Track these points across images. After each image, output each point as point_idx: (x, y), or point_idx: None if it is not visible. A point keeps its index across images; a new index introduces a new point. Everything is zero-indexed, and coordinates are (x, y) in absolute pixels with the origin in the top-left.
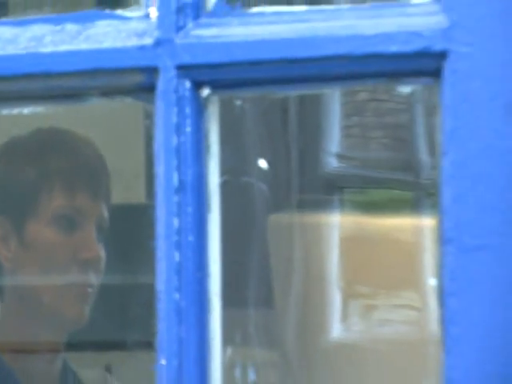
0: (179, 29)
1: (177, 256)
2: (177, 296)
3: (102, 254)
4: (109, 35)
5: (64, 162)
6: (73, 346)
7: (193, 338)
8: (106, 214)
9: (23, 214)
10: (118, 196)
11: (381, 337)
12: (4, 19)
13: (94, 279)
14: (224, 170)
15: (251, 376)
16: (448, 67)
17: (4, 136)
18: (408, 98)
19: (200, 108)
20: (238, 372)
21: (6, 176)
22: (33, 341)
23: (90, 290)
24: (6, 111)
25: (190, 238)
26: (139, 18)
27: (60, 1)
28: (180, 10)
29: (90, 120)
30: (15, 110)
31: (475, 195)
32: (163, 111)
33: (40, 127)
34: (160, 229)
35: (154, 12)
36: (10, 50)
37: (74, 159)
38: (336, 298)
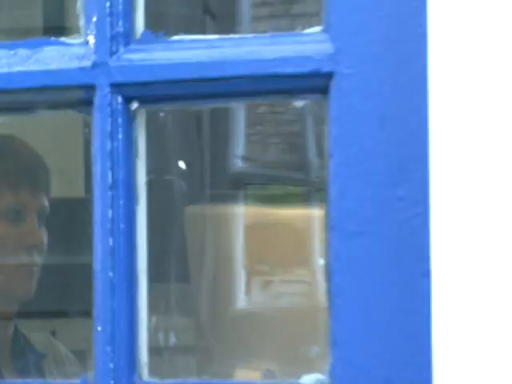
0: (112, 53)
1: (110, 241)
2: (110, 274)
3: (44, 238)
4: (54, 58)
5: (9, 165)
6: (24, 314)
7: (123, 308)
8: (46, 203)
9: None
10: (62, 191)
11: (278, 306)
12: None
13: (38, 259)
14: (150, 170)
15: (172, 339)
16: (334, 86)
17: None
18: (301, 111)
19: (130, 119)
20: (161, 336)
21: None
22: None
23: (35, 268)
24: None
25: (122, 226)
26: (79, 45)
27: (14, 30)
28: (113, 38)
29: (39, 128)
30: None
31: (355, 190)
32: (99, 121)
33: None
34: (97, 218)
35: (91, 39)
36: None
37: (16, 162)
38: (241, 274)
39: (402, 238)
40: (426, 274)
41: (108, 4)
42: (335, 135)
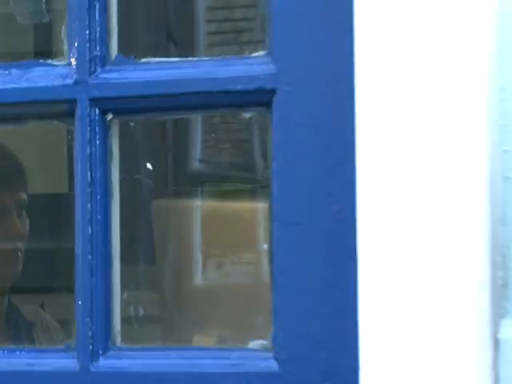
0: (91, 73)
1: (89, 229)
2: (89, 257)
3: (25, 227)
4: (42, 77)
5: None
6: (16, 289)
7: (100, 286)
8: (24, 197)
9: None
10: (49, 188)
11: (229, 284)
12: None
13: (21, 246)
14: (122, 170)
15: (140, 311)
16: (276, 100)
17: None
18: (249, 121)
19: (105, 128)
20: (131, 308)
21: None
22: None
23: (19, 253)
24: None
25: (99, 217)
26: (63, 66)
27: (8, 54)
28: (91, 60)
29: (30, 135)
30: None
31: (293, 187)
32: (80, 130)
33: None
34: (78, 211)
35: (73, 61)
36: None
37: None
38: (199, 257)
39: (332, 227)
40: (352, 257)
41: (87, 32)
42: (277, 141)
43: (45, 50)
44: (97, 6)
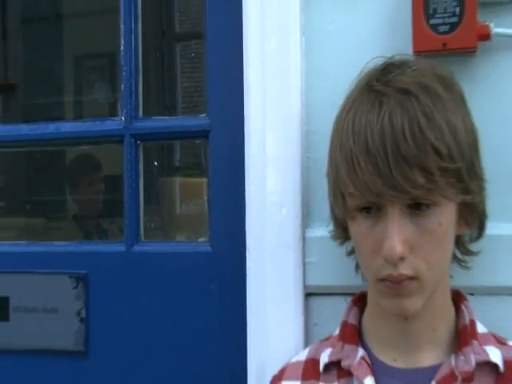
0: (130, 123)
1: (130, 191)
2: (129, 201)
3: (102, 187)
4: (110, 125)
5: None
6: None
7: (134, 204)
8: (101, 175)
9: None
10: (111, 172)
11: (191, 213)
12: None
13: (100, 195)
14: (144, 167)
15: (151, 223)
16: (211, 135)
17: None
18: (199, 144)
19: (136, 147)
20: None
21: None
22: None
23: (101, 196)
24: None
25: (133, 186)
26: (119, 120)
27: (99, 114)
28: (131, 117)
29: (105, 151)
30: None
31: (220, 175)
32: (126, 148)
33: None
34: (125, 183)
35: (123, 118)
36: (52, 128)
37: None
38: (178, 201)
39: None
40: None
41: (128, 106)
42: (211, 153)
43: (112, 112)
44: (133, 97)
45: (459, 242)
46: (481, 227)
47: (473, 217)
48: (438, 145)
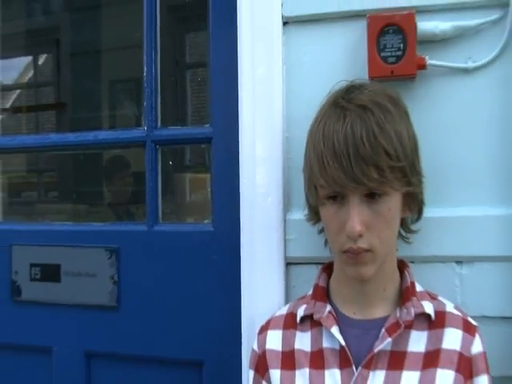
0: (151, 132)
1: (151, 185)
2: (151, 192)
3: (131, 181)
4: (135, 133)
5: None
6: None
7: (153, 195)
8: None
9: None
10: (138, 169)
11: (198, 200)
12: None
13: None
14: (162, 166)
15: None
16: (213, 142)
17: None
18: (204, 148)
19: (156, 150)
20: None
21: None
22: None
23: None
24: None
25: (153, 180)
26: (142, 129)
27: (127, 125)
28: (151, 127)
29: (132, 153)
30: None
31: (221, 174)
32: (148, 151)
33: None
34: (148, 178)
35: (145, 127)
36: (92, 136)
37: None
38: (187, 191)
39: None
40: None
41: (150, 117)
42: (214, 157)
43: (137, 123)
44: (153, 111)
45: (403, 223)
46: (419, 212)
47: (414, 204)
48: (388, 148)
